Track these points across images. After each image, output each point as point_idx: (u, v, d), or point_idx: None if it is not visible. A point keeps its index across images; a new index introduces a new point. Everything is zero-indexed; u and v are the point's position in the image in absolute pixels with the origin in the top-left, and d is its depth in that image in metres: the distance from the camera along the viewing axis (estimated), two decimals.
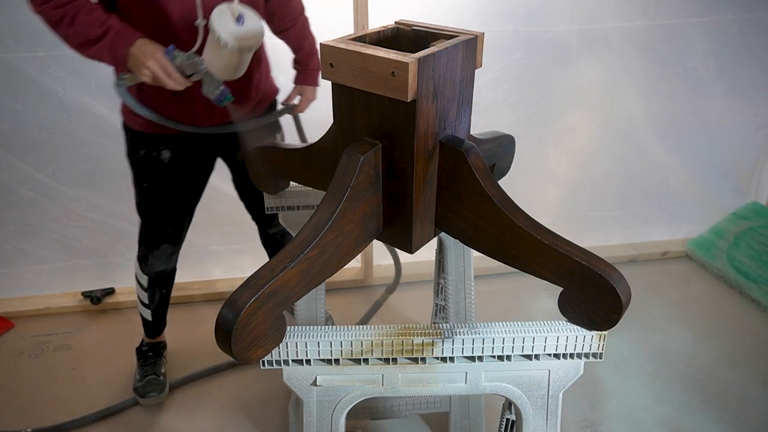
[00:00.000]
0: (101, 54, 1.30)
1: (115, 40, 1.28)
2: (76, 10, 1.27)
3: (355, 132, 1.05)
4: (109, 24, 1.28)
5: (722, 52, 2.27)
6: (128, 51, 1.28)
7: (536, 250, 1.00)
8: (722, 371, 1.98)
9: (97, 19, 1.28)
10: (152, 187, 1.60)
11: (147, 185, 1.60)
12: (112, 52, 1.29)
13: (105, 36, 1.27)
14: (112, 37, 1.28)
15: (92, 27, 1.27)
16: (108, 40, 1.28)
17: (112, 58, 1.30)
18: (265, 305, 0.91)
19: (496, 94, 2.20)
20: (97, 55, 1.31)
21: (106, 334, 2.14)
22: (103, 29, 1.27)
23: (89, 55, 1.32)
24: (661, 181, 2.53)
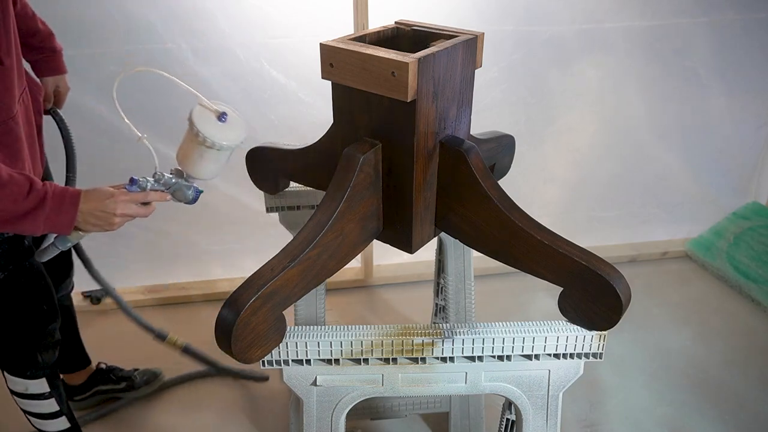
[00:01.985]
0: (35, 226, 1.00)
1: (58, 208, 1.01)
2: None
3: (355, 132, 1.05)
4: (40, 190, 1.00)
5: (722, 52, 2.27)
6: (76, 212, 1.03)
7: (536, 250, 1.00)
8: (722, 371, 1.98)
9: (18, 188, 0.98)
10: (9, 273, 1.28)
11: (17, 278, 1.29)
12: (52, 222, 1.02)
13: (40, 206, 0.99)
14: (52, 204, 1.00)
15: (16, 201, 0.97)
16: (47, 209, 1.00)
17: (50, 227, 1.02)
18: (265, 305, 0.91)
19: (495, 94, 2.20)
20: (26, 229, 1.01)
21: (106, 334, 2.14)
22: (36, 199, 0.99)
23: (13, 230, 1.04)
24: (661, 181, 2.53)
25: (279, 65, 2.01)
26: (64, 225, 1.04)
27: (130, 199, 1.06)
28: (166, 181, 1.12)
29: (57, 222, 1.02)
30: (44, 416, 1.48)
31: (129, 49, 1.89)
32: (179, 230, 2.24)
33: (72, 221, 1.03)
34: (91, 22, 1.85)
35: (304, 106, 2.07)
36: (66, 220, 1.03)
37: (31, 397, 1.44)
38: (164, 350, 2.06)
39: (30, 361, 1.39)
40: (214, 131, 1.04)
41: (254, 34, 1.94)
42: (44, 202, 1.00)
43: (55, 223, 1.02)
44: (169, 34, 1.89)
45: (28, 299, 1.33)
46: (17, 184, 0.98)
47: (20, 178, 0.99)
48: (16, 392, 1.44)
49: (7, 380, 1.43)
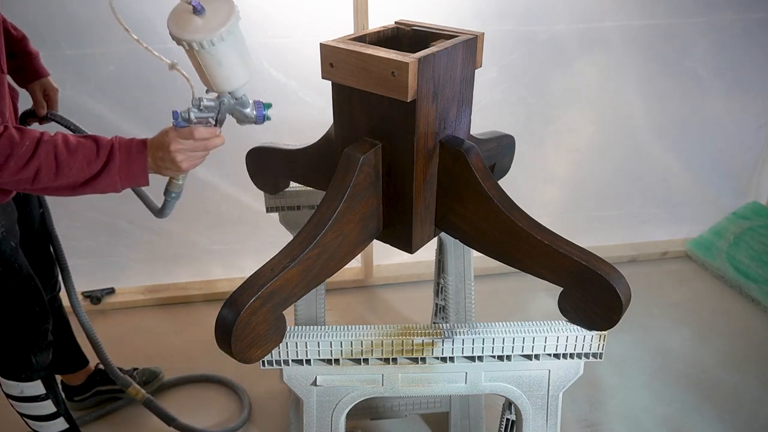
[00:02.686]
0: (113, 182, 1.02)
1: (127, 158, 1.03)
2: (52, 155, 0.98)
3: (355, 132, 1.05)
4: (106, 146, 1.02)
5: (722, 52, 2.27)
6: (146, 159, 1.04)
7: (536, 250, 1.00)
8: (722, 371, 1.98)
9: (88, 151, 1.00)
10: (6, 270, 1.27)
11: None
12: (127, 174, 1.03)
13: (111, 161, 1.01)
14: (121, 156, 1.02)
15: (90, 162, 1.00)
16: (117, 162, 1.02)
17: (127, 179, 1.04)
18: (265, 305, 0.91)
19: (495, 94, 2.20)
20: (107, 187, 1.03)
21: (106, 334, 2.14)
22: (105, 155, 1.01)
23: (95, 191, 1.04)
24: (661, 181, 2.53)
25: (279, 65, 2.01)
26: (139, 174, 1.04)
27: (179, 135, 1.02)
28: (207, 106, 1.03)
29: (131, 172, 1.04)
30: (42, 418, 1.48)
31: (129, 49, 1.89)
32: (179, 230, 2.24)
33: (144, 169, 1.04)
34: (91, 22, 1.85)
35: (304, 106, 2.07)
36: (138, 168, 1.04)
37: (27, 399, 1.43)
38: (164, 350, 2.07)
39: (24, 364, 1.38)
40: (193, 30, 0.93)
41: (254, 34, 1.94)
42: (113, 155, 1.02)
43: (129, 173, 1.04)
44: (169, 35, 1.89)
45: (19, 301, 1.32)
46: (85, 146, 1.01)
47: (86, 140, 1.02)
48: (11, 396, 1.43)
49: (1, 384, 1.43)
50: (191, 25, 0.93)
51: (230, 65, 0.98)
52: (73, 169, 0.99)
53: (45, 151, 0.97)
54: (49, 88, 1.40)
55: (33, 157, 0.97)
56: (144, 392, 1.62)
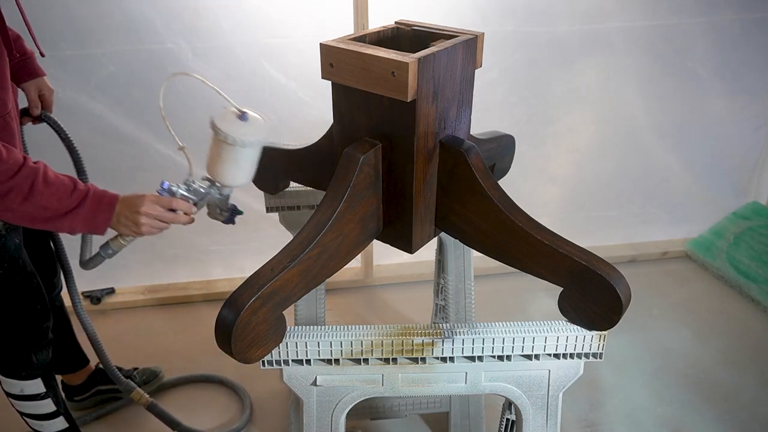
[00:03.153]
0: (73, 225, 1.05)
1: (96, 208, 1.05)
2: (29, 181, 1.00)
3: (355, 132, 1.05)
4: (82, 190, 1.04)
5: (723, 52, 2.27)
6: (112, 215, 1.07)
7: (536, 250, 1.00)
8: (722, 371, 1.98)
9: (63, 188, 1.03)
10: (5, 271, 1.28)
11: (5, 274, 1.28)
12: (90, 222, 1.06)
13: (80, 205, 1.04)
14: (91, 204, 1.05)
15: (60, 200, 1.02)
16: (86, 209, 1.04)
17: (88, 226, 1.06)
18: (265, 305, 0.91)
19: (496, 94, 2.20)
20: (64, 227, 1.05)
21: (106, 334, 2.13)
22: (77, 198, 1.03)
23: (51, 228, 1.06)
24: (662, 181, 2.53)
25: (279, 65, 2.01)
26: (100, 224, 1.07)
27: (156, 200, 1.08)
28: (195, 189, 1.13)
29: (95, 221, 1.06)
30: (41, 417, 1.47)
31: (129, 49, 1.89)
32: (179, 230, 2.23)
33: (107, 221, 1.07)
34: (91, 22, 1.85)
35: (304, 106, 2.07)
36: (102, 219, 1.07)
37: (27, 398, 1.43)
38: (164, 350, 2.07)
39: (25, 362, 1.38)
40: (233, 128, 1.05)
41: (254, 34, 1.94)
42: (85, 201, 1.05)
43: (93, 222, 1.06)
44: (169, 34, 1.89)
45: (21, 298, 1.33)
46: (63, 183, 1.04)
47: (65, 178, 1.05)
48: (11, 394, 1.43)
49: (2, 382, 1.43)
50: (233, 125, 1.06)
51: (241, 167, 1.11)
52: (42, 201, 1.01)
53: (24, 176, 1.00)
54: (44, 88, 1.40)
55: (11, 178, 0.99)
56: (147, 396, 1.62)
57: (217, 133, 1.06)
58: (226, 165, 1.09)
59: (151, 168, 2.07)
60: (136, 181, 2.09)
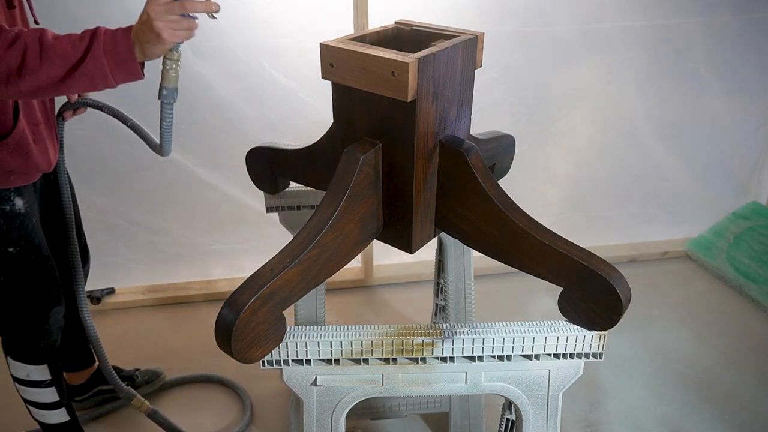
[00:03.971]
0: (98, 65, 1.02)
1: (112, 38, 1.02)
2: (36, 36, 0.99)
3: (355, 132, 1.05)
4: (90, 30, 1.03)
5: (722, 52, 2.27)
6: (130, 38, 1.03)
7: (536, 250, 1.00)
8: (722, 371, 1.98)
9: (70, 36, 1.02)
10: (21, 249, 1.29)
11: (12, 250, 1.28)
12: (113, 53, 1.02)
13: (95, 41, 1.01)
14: (105, 37, 1.02)
15: (73, 43, 1.01)
16: (101, 42, 1.02)
17: (113, 59, 1.03)
18: (265, 305, 0.91)
19: (496, 94, 2.20)
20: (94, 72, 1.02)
21: (106, 334, 2.14)
22: (89, 37, 1.02)
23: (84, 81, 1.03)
24: (662, 181, 2.53)
25: (279, 65, 2.01)
26: (125, 54, 1.03)
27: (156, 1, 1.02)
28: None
29: (117, 52, 1.03)
30: (44, 406, 1.49)
31: None
32: (180, 230, 2.24)
33: (129, 48, 1.03)
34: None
35: (304, 106, 2.07)
36: (123, 47, 1.03)
37: (33, 384, 1.45)
38: (164, 350, 2.07)
39: (33, 345, 1.40)
40: None
41: (255, 33, 1.94)
42: (96, 36, 1.02)
43: (116, 54, 1.03)
44: None
45: (34, 279, 1.34)
46: (69, 35, 1.02)
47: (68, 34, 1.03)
48: (18, 379, 1.45)
49: (9, 365, 1.45)
50: None
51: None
52: (57, 51, 1.00)
53: (30, 35, 0.99)
54: None
55: (17, 39, 0.98)
56: (148, 404, 1.62)
57: None
58: None
59: (152, 168, 2.07)
60: (137, 180, 2.09)
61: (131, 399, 1.60)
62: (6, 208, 1.24)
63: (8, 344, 1.42)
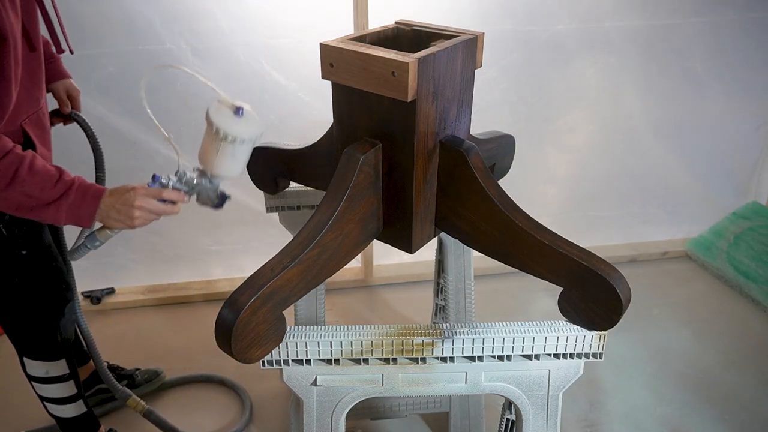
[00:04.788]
0: (57, 215, 1.04)
1: (80, 199, 1.04)
2: (14, 167, 1.00)
3: (355, 132, 1.05)
4: (66, 182, 1.04)
5: (722, 52, 2.27)
6: (97, 207, 1.06)
7: (536, 250, 1.00)
8: (722, 371, 1.98)
9: (48, 177, 1.03)
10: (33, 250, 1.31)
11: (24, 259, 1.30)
12: (74, 213, 1.05)
13: (64, 196, 1.03)
14: (76, 195, 1.04)
15: (44, 189, 1.02)
16: (70, 199, 1.04)
17: (72, 218, 1.06)
18: (265, 305, 0.91)
19: (495, 94, 2.20)
20: (48, 217, 1.05)
21: (106, 334, 2.14)
22: (62, 189, 1.03)
23: (36, 217, 1.05)
24: (661, 181, 2.53)
25: (279, 65, 2.01)
26: (85, 217, 1.06)
27: (147, 193, 1.07)
28: (188, 180, 1.12)
29: (79, 213, 1.06)
30: (62, 401, 1.51)
31: (129, 50, 1.89)
32: (179, 230, 2.24)
33: (93, 214, 1.06)
34: (91, 22, 1.85)
35: (304, 106, 2.07)
36: (87, 212, 1.06)
37: (51, 380, 1.46)
38: (164, 350, 2.07)
39: (51, 342, 1.42)
40: (230, 124, 1.05)
41: (255, 34, 1.94)
42: (69, 192, 1.04)
43: (77, 213, 1.06)
44: (169, 34, 1.90)
45: (46, 279, 1.36)
46: (48, 173, 1.03)
47: (52, 168, 1.05)
48: (35, 377, 1.47)
49: (26, 366, 1.46)
50: (229, 120, 1.05)
51: (236, 161, 1.10)
52: (25, 188, 1.01)
53: (9, 161, 1.00)
54: (71, 89, 1.43)
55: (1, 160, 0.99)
56: (144, 404, 1.62)
57: (213, 128, 1.05)
58: (220, 158, 1.09)
59: (151, 168, 2.05)
60: (136, 180, 2.09)
61: (127, 399, 1.60)
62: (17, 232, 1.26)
63: (24, 345, 1.43)
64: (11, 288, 1.31)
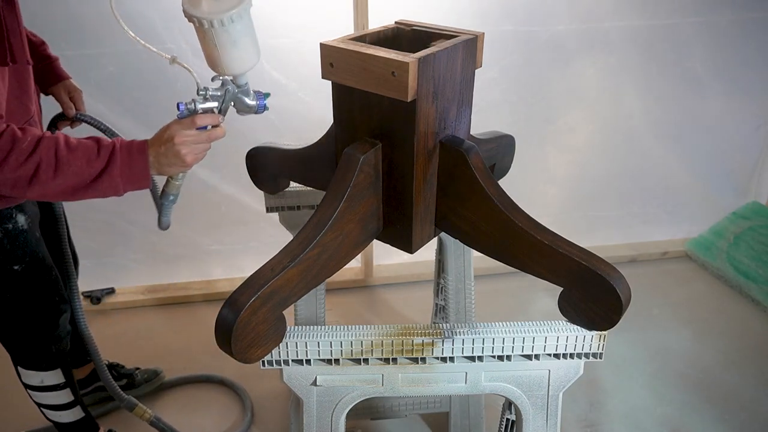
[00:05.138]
0: (114, 183, 1.01)
1: (128, 158, 1.01)
2: (52, 150, 0.97)
3: (355, 132, 1.05)
4: (107, 146, 1.00)
5: (721, 52, 2.27)
6: (147, 159, 1.02)
7: (536, 250, 1.00)
8: (722, 371, 1.98)
9: (88, 149, 0.99)
10: (26, 265, 1.29)
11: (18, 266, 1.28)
12: (128, 174, 1.01)
13: (112, 161, 1.00)
14: (122, 156, 1.00)
15: (90, 161, 0.99)
16: (119, 162, 1.00)
17: (128, 180, 1.02)
18: (265, 305, 0.91)
19: (495, 94, 2.20)
20: (107, 189, 1.01)
21: (106, 334, 2.14)
22: (106, 155, 1.00)
23: (95, 194, 1.02)
24: (661, 181, 2.53)
25: (279, 65, 2.01)
26: (140, 174, 1.02)
27: (183, 125, 1.01)
28: (213, 95, 1.04)
29: (132, 172, 1.02)
30: (59, 407, 1.50)
31: (129, 49, 1.89)
32: (180, 230, 2.24)
33: (146, 168, 1.02)
34: (90, 22, 1.85)
35: (304, 106, 2.07)
36: (139, 167, 1.02)
37: (47, 389, 1.45)
38: (164, 350, 2.07)
39: (45, 353, 1.41)
40: (210, 6, 0.94)
41: None
42: (114, 155, 1.00)
43: (131, 173, 1.02)
44: (169, 34, 1.89)
45: (41, 292, 1.35)
46: (86, 146, 1.00)
47: (87, 141, 1.01)
48: (30, 386, 1.46)
49: (21, 375, 1.45)
50: (208, 3, 0.93)
51: (244, 45, 0.99)
52: (72, 167, 0.98)
53: (46, 147, 0.96)
54: (72, 90, 1.39)
55: (34, 153, 0.96)
56: (150, 412, 1.62)
57: (194, 20, 0.94)
58: (226, 52, 0.99)
59: None
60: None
61: (132, 408, 1.59)
62: (9, 226, 1.24)
63: (19, 355, 1.42)
64: (4, 303, 1.30)
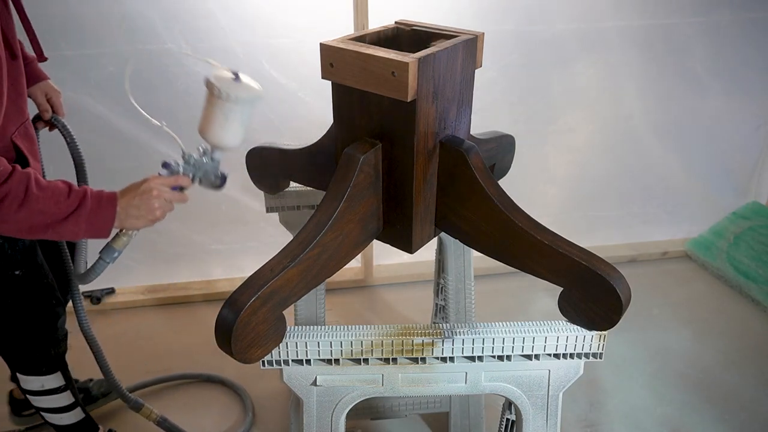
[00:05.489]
0: (76, 228, 0.99)
1: (97, 206, 1.00)
2: (23, 185, 0.94)
3: (355, 132, 1.05)
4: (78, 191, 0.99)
5: (721, 52, 2.27)
6: (115, 210, 1.02)
7: (536, 250, 1.00)
8: (722, 371, 1.98)
9: (58, 190, 0.97)
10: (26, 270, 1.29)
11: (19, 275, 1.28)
12: (93, 222, 1.00)
13: (81, 206, 0.98)
14: (92, 203, 0.99)
15: (58, 202, 0.97)
16: (87, 208, 0.99)
17: (92, 228, 1.01)
18: (265, 305, 0.91)
19: (495, 94, 2.20)
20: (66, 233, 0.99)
21: (106, 334, 2.14)
22: (76, 199, 0.98)
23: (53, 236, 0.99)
24: (661, 181, 2.53)
25: (279, 65, 2.01)
26: (104, 223, 1.02)
27: (162, 182, 1.05)
28: (195, 162, 1.09)
29: (97, 221, 1.01)
30: (59, 410, 1.49)
31: (129, 50, 1.89)
32: (180, 230, 2.24)
33: (112, 218, 1.02)
34: (90, 22, 1.85)
35: (304, 106, 2.07)
36: (106, 217, 1.01)
37: (48, 392, 1.45)
38: (164, 350, 2.07)
39: (44, 358, 1.41)
40: (230, 85, 1.03)
41: (255, 34, 1.94)
42: (85, 200, 0.99)
43: (95, 222, 1.01)
44: (169, 34, 1.89)
45: (38, 297, 1.35)
46: (57, 187, 0.98)
47: (59, 182, 1.00)
48: (30, 391, 1.45)
49: (21, 381, 1.45)
50: (227, 82, 1.04)
51: (240, 125, 1.07)
52: (39, 205, 0.96)
53: (17, 180, 0.94)
54: (50, 91, 1.38)
55: (4, 183, 0.93)
56: (156, 413, 1.62)
57: (214, 90, 1.03)
58: (221, 124, 1.05)
59: (151, 168, 2.04)
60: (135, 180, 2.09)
61: (139, 409, 1.60)
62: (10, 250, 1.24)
63: (18, 361, 1.42)
64: (5, 308, 1.30)
